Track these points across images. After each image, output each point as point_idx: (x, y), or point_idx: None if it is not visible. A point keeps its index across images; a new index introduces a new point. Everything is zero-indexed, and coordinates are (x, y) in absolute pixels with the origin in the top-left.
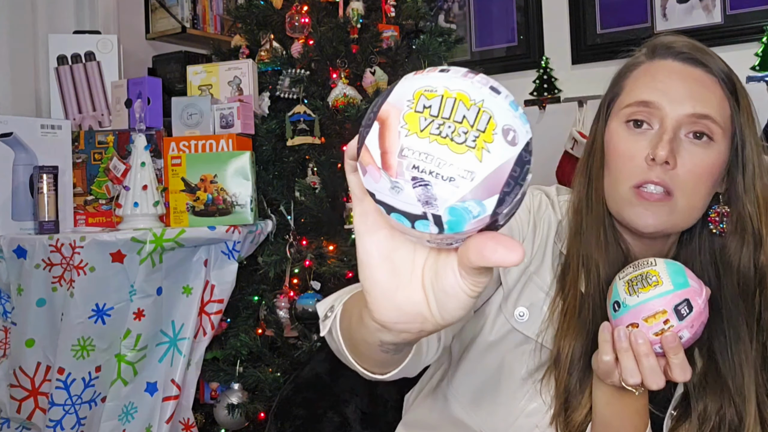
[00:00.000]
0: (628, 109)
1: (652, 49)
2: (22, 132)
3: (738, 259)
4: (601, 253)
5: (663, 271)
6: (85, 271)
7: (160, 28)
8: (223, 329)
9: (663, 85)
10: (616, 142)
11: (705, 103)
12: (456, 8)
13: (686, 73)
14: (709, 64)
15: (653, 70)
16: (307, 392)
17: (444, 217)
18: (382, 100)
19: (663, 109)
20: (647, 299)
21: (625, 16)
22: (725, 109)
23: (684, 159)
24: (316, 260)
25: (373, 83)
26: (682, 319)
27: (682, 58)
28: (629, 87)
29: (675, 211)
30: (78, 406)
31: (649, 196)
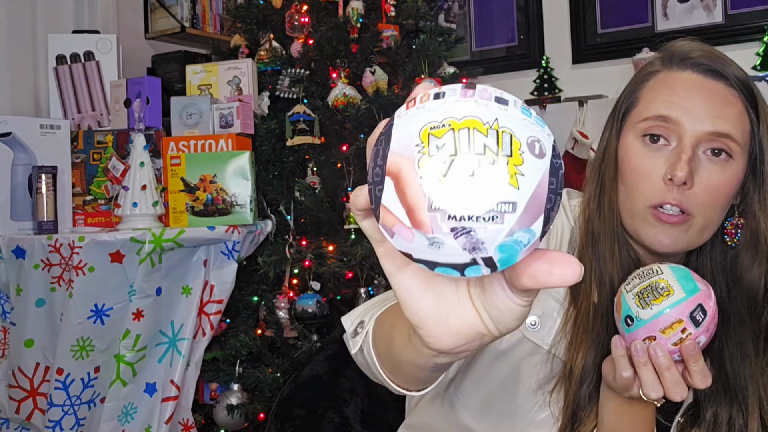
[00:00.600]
0: (645, 123)
1: (668, 57)
2: (21, 132)
3: (749, 275)
4: (615, 266)
5: (671, 278)
6: (84, 272)
7: (160, 28)
8: (222, 329)
9: (682, 100)
10: (632, 156)
11: (725, 120)
12: (456, 8)
13: (706, 87)
14: (729, 76)
15: (671, 83)
16: (307, 392)
17: (495, 256)
18: (383, 149)
19: (682, 126)
20: (662, 311)
21: (625, 16)
22: (745, 124)
23: (701, 177)
24: (316, 260)
25: (373, 83)
26: (698, 326)
27: (702, 70)
28: (646, 99)
29: (691, 229)
30: (77, 406)
31: (666, 218)
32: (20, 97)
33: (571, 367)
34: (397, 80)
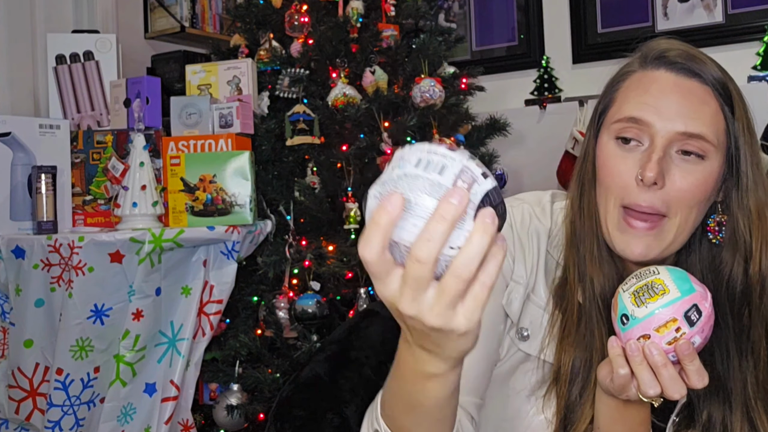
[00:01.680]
0: (618, 124)
1: (645, 56)
2: (20, 132)
3: (729, 272)
4: (595, 267)
5: (667, 278)
6: (84, 272)
7: (159, 28)
8: (222, 330)
9: (654, 100)
10: (606, 157)
11: (697, 120)
12: (456, 7)
13: (679, 86)
14: (703, 74)
15: (646, 82)
16: (306, 393)
17: None
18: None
19: (653, 126)
20: (656, 309)
21: (625, 16)
22: (719, 122)
23: (674, 177)
24: (316, 260)
25: (372, 83)
26: (693, 326)
27: (676, 69)
28: (620, 99)
29: (666, 232)
30: (77, 406)
31: (639, 225)
32: (20, 96)
33: (559, 368)
34: (397, 80)
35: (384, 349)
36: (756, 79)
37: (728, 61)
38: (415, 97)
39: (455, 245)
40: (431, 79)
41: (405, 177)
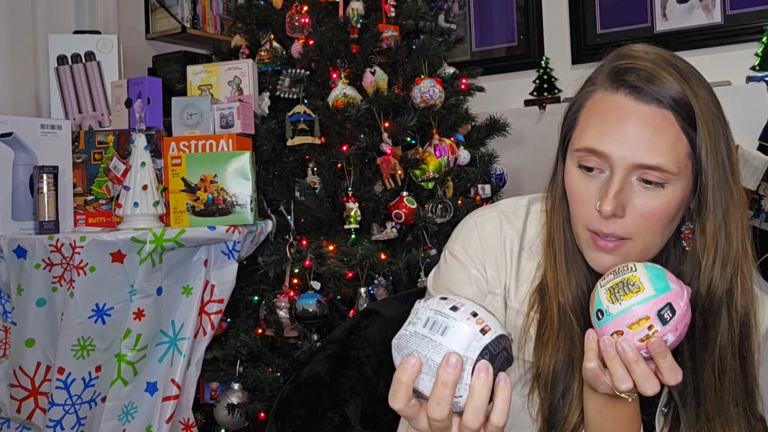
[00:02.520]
0: (578, 153)
1: (608, 72)
2: (22, 132)
3: (689, 281)
4: (570, 277)
5: (644, 276)
6: (85, 271)
7: (160, 28)
8: (223, 329)
9: (612, 130)
10: (572, 182)
11: (655, 150)
12: (456, 8)
13: (638, 113)
14: (662, 98)
15: (605, 108)
16: (307, 392)
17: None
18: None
19: (611, 158)
20: (630, 306)
21: (625, 16)
22: (680, 148)
23: (634, 204)
24: (316, 260)
25: (373, 83)
26: (665, 324)
27: (635, 93)
28: (582, 124)
29: (632, 251)
30: (78, 406)
31: (604, 245)
32: (21, 97)
33: (539, 370)
34: (397, 80)
35: (384, 349)
36: (755, 79)
37: (727, 62)
38: (415, 97)
39: (462, 395)
40: (431, 80)
41: (416, 335)
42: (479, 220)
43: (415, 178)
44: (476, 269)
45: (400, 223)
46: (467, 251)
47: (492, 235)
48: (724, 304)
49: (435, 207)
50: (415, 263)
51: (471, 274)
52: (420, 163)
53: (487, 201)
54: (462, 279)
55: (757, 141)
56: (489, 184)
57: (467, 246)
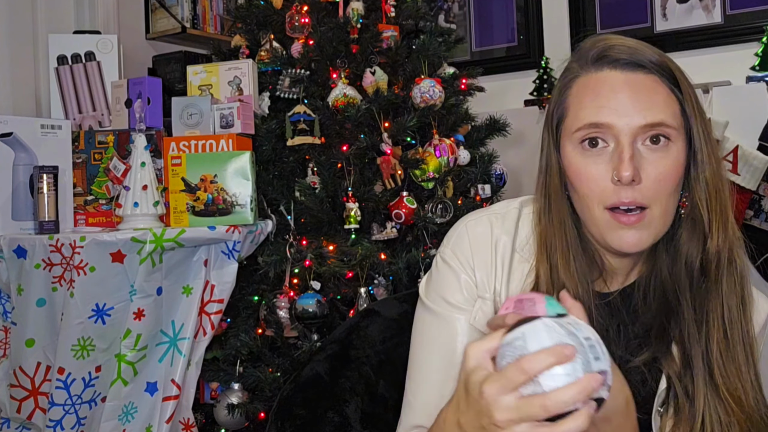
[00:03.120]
0: (579, 132)
1: (584, 59)
2: (22, 132)
3: (687, 247)
4: (568, 275)
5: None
6: (85, 271)
7: (160, 28)
8: (223, 329)
9: (609, 102)
10: (577, 166)
11: (654, 109)
12: (456, 8)
13: (629, 82)
14: (646, 64)
15: (594, 86)
16: (307, 392)
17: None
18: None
19: (615, 127)
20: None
21: (625, 16)
22: (673, 105)
23: (648, 170)
24: (316, 260)
25: (373, 83)
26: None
27: (620, 65)
28: (574, 108)
29: (652, 222)
30: (78, 406)
31: (627, 219)
32: (21, 97)
33: None
34: (397, 80)
35: (384, 349)
36: (755, 79)
37: (727, 62)
38: (415, 97)
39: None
40: (431, 80)
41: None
42: (470, 224)
43: (415, 178)
44: (466, 274)
45: (400, 223)
46: (458, 256)
47: (482, 239)
48: (727, 263)
49: (435, 207)
50: (415, 263)
51: (461, 279)
52: (420, 163)
53: (487, 201)
54: (453, 285)
55: (757, 141)
56: (489, 184)
57: (457, 251)
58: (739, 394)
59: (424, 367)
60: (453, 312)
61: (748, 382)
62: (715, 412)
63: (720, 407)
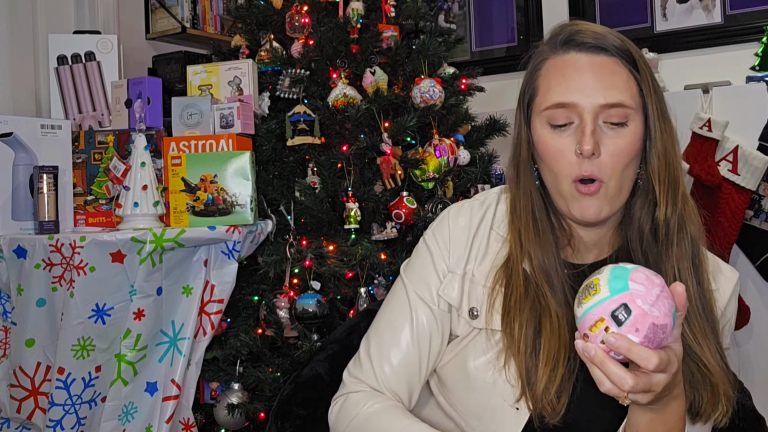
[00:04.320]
0: (547, 111)
1: (553, 42)
2: (22, 132)
3: (639, 216)
4: (533, 243)
5: (604, 278)
6: (85, 271)
7: (160, 28)
8: (223, 329)
9: (574, 82)
10: (545, 142)
11: (614, 89)
12: (456, 8)
13: (592, 64)
14: (608, 47)
15: (561, 67)
16: (307, 392)
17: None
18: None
19: (579, 106)
20: (587, 309)
21: (625, 16)
22: (632, 86)
23: (606, 145)
24: (316, 260)
25: (373, 83)
26: (620, 325)
27: (585, 48)
28: (543, 87)
29: (608, 194)
30: (78, 406)
31: (586, 190)
32: (21, 97)
33: (512, 335)
34: (397, 80)
35: None
36: (755, 79)
37: (727, 62)
38: (415, 97)
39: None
40: (431, 80)
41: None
42: (452, 211)
43: (415, 178)
44: (441, 256)
45: (400, 223)
46: (437, 239)
47: (462, 224)
48: (677, 229)
49: (435, 207)
50: None
51: (435, 262)
52: (420, 163)
53: None
54: (428, 265)
55: (757, 141)
56: (489, 184)
57: (437, 234)
58: (695, 348)
59: (384, 332)
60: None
61: (704, 335)
62: (683, 368)
63: (687, 363)
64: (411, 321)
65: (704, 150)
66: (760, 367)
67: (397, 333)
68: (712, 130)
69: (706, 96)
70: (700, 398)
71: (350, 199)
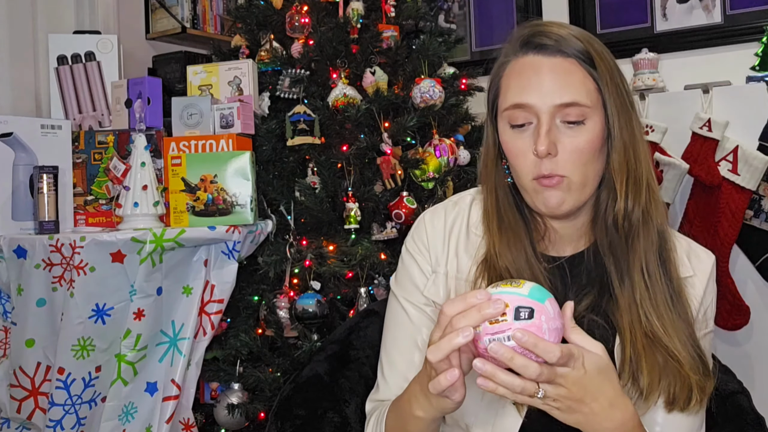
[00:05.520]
0: (507, 112)
1: (515, 44)
2: (22, 132)
3: (604, 208)
4: (502, 238)
5: (530, 285)
6: (85, 271)
7: (160, 28)
8: (223, 329)
9: (530, 83)
10: (507, 141)
11: (569, 89)
12: (456, 8)
13: (548, 66)
14: (565, 49)
15: (519, 68)
16: (307, 392)
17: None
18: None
19: (535, 106)
20: (500, 291)
21: (625, 16)
22: (588, 84)
23: (564, 144)
24: (316, 260)
25: (373, 83)
26: (516, 320)
27: (542, 50)
28: (504, 88)
29: (571, 187)
30: (78, 406)
31: (548, 183)
32: (21, 97)
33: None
34: (397, 80)
35: None
36: (755, 80)
37: (727, 62)
38: (415, 97)
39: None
40: (431, 80)
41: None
42: (427, 215)
43: (415, 178)
44: (423, 257)
45: (400, 223)
46: (416, 242)
47: (438, 225)
48: (642, 222)
49: None
50: None
51: (420, 264)
52: (420, 163)
53: None
54: (415, 270)
55: (757, 141)
56: None
57: (416, 238)
58: (672, 336)
59: (391, 350)
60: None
61: (675, 327)
62: (651, 356)
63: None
64: (413, 334)
65: (704, 150)
66: (760, 367)
67: (404, 350)
68: (712, 130)
69: (706, 96)
70: (673, 388)
71: (350, 199)
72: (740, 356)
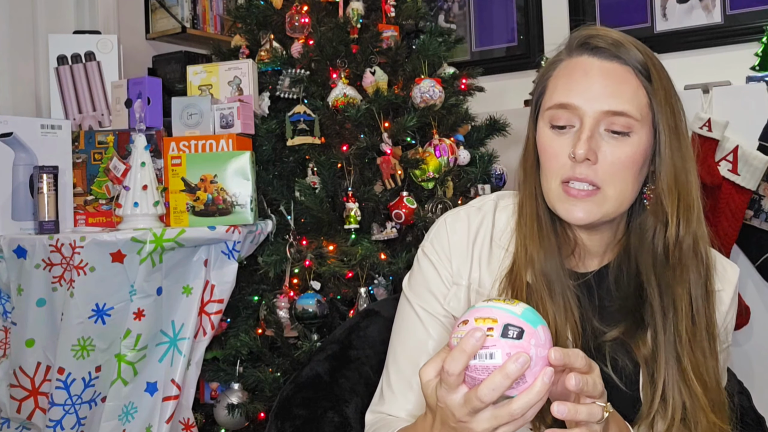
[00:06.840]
0: (549, 111)
1: (570, 45)
2: (22, 132)
3: (652, 235)
4: (536, 245)
5: (525, 305)
6: (85, 271)
7: (160, 28)
8: (223, 329)
9: (578, 85)
10: (544, 142)
11: (620, 98)
12: (456, 8)
13: (601, 69)
14: (623, 56)
15: (570, 69)
16: (307, 392)
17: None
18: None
19: (581, 109)
20: (492, 306)
21: (625, 16)
22: (641, 97)
23: (605, 153)
24: (316, 260)
25: (373, 83)
26: (503, 338)
27: (598, 53)
28: (551, 87)
29: (605, 201)
30: (78, 406)
31: (576, 193)
32: (21, 97)
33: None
34: (397, 80)
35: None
36: (755, 79)
37: (727, 62)
38: (415, 97)
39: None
40: (431, 80)
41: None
42: (449, 219)
43: (415, 178)
44: (444, 266)
45: (400, 223)
46: (436, 248)
47: (460, 232)
48: (693, 252)
49: (435, 207)
50: None
51: (440, 272)
52: (420, 163)
53: None
54: (432, 277)
55: (757, 141)
56: (489, 184)
57: (436, 243)
58: (705, 379)
59: (400, 357)
60: (428, 316)
61: (711, 368)
62: (679, 395)
63: (685, 391)
64: (427, 343)
65: (704, 150)
66: (760, 367)
67: (416, 359)
68: (712, 130)
69: (706, 96)
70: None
71: (350, 199)
72: (740, 356)
